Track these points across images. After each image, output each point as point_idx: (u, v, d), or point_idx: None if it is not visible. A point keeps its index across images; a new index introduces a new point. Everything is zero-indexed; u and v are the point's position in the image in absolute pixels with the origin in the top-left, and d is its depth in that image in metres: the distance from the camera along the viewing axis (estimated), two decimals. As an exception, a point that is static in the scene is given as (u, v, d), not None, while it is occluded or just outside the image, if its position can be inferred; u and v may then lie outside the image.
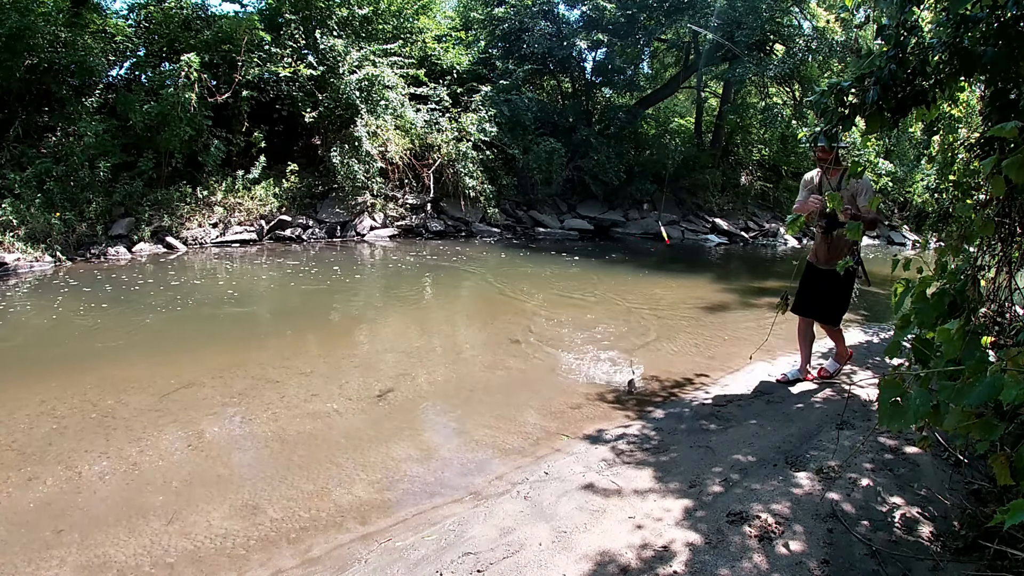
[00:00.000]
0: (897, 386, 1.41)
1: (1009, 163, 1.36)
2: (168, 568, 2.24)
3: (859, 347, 5.19)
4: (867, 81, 1.99)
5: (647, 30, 14.64)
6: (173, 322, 5.57)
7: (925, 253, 7.51)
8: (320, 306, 6.45)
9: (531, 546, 2.23)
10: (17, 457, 2.98)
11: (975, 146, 3.14)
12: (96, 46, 9.19)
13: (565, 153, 13.48)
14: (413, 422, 3.54)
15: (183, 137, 9.29)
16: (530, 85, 15.57)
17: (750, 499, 2.49)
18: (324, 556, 2.31)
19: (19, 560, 2.26)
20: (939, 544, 2.17)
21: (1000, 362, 1.27)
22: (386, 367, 4.42)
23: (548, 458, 3.06)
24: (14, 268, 7.22)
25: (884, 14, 2.22)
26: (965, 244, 2.31)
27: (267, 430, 3.36)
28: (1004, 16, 1.80)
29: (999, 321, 3.25)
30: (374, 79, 10.84)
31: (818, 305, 4.01)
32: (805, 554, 2.11)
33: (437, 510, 2.61)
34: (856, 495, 2.52)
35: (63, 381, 3.93)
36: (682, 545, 2.18)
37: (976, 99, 3.96)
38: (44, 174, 8.20)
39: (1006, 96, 2.14)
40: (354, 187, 10.95)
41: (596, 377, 4.30)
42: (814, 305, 4.04)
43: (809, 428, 3.34)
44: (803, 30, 14.67)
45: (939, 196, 4.96)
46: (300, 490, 2.76)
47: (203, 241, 9.51)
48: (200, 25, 10.53)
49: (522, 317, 6.03)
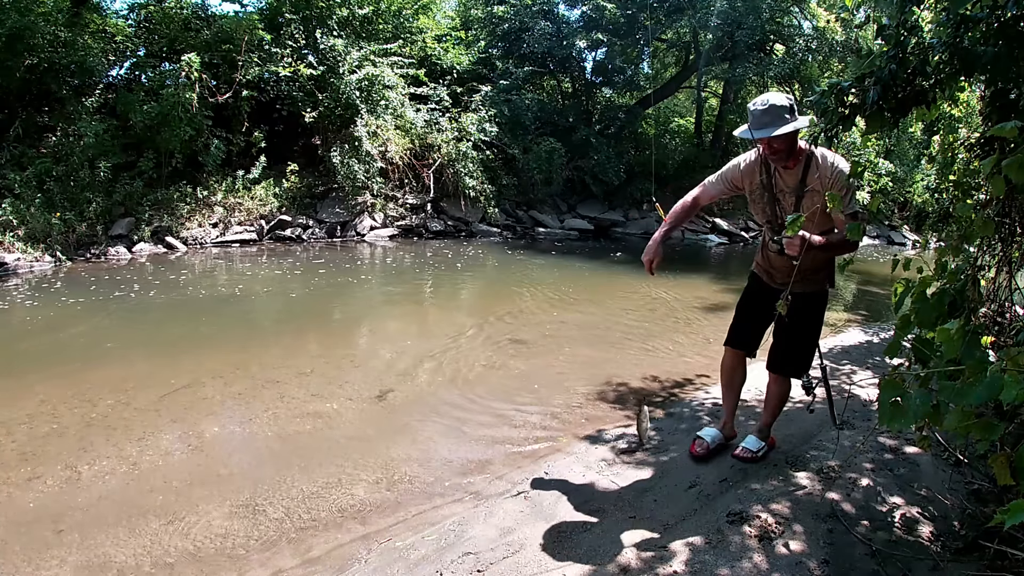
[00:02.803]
0: (897, 386, 1.40)
1: (1009, 163, 1.36)
2: (168, 568, 2.24)
3: (859, 347, 5.19)
4: (867, 81, 1.98)
5: (647, 30, 14.65)
6: (173, 322, 5.57)
7: (925, 253, 7.51)
8: (320, 306, 6.45)
9: (531, 546, 2.23)
10: (17, 457, 2.98)
11: (975, 146, 3.14)
12: (96, 46, 9.20)
13: (565, 153, 13.48)
14: (413, 422, 3.54)
15: (183, 137, 9.29)
16: (530, 85, 15.57)
17: (750, 499, 2.49)
18: (324, 556, 2.31)
19: (19, 560, 2.26)
20: (939, 544, 2.17)
21: (1000, 362, 1.27)
22: (386, 367, 4.41)
23: (548, 458, 3.05)
24: (14, 268, 7.22)
25: (884, 14, 2.22)
26: (965, 244, 2.31)
27: (267, 430, 3.36)
28: (1004, 16, 1.80)
29: (999, 321, 3.24)
30: (374, 79, 10.85)
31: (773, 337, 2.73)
32: (805, 554, 2.11)
33: (437, 510, 2.61)
34: (856, 495, 2.51)
35: (63, 381, 3.93)
36: (682, 545, 2.18)
37: (976, 99, 3.96)
38: (44, 174, 8.20)
39: (1006, 96, 2.14)
40: (354, 187, 10.96)
41: (596, 377, 4.30)
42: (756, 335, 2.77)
43: (809, 428, 3.34)
44: (803, 30, 14.69)
45: (939, 196, 4.96)
46: (300, 490, 2.76)
47: (203, 241, 9.51)
48: (200, 25, 10.54)
49: (522, 317, 6.02)
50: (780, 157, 2.40)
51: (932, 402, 1.36)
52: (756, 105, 2.35)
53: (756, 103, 2.35)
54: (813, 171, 2.40)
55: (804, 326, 2.65)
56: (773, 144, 2.35)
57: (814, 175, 2.39)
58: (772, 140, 2.32)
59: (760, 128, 2.33)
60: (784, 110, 2.30)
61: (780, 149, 2.37)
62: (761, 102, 2.34)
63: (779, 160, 2.42)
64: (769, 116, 2.30)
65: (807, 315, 2.63)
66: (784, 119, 2.30)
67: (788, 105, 2.31)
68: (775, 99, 2.33)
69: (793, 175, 2.46)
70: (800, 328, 2.64)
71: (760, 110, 2.32)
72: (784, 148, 2.36)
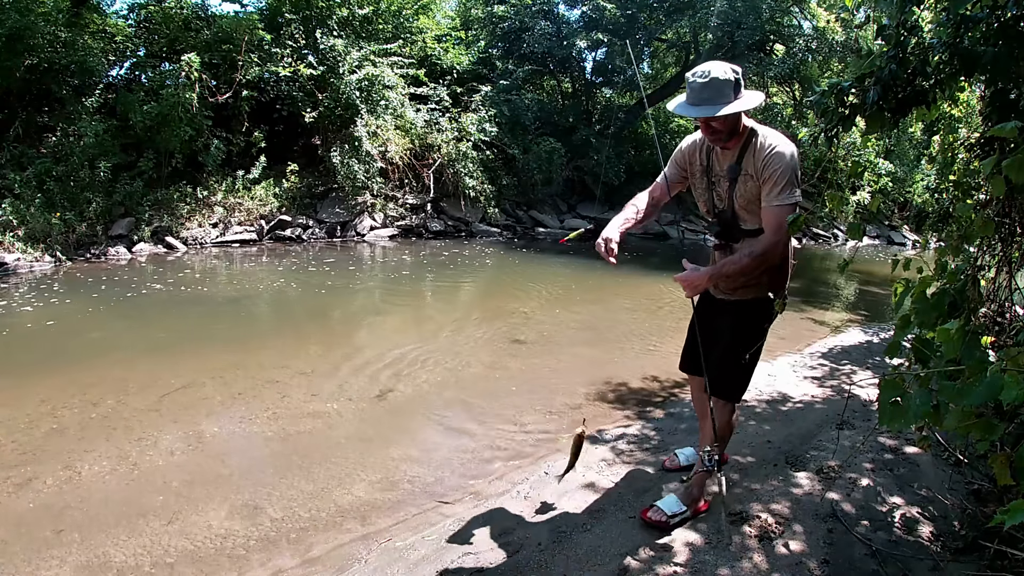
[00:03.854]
0: (897, 386, 1.40)
1: (1009, 163, 1.36)
2: (168, 568, 2.24)
3: (859, 347, 5.20)
4: (867, 81, 1.99)
5: (647, 30, 14.65)
6: (173, 322, 5.57)
7: (925, 253, 7.51)
8: (320, 306, 6.45)
9: (531, 546, 2.23)
10: (17, 457, 2.98)
11: (975, 146, 3.14)
12: (96, 46, 9.19)
13: (565, 153, 13.48)
14: (413, 422, 3.54)
15: (183, 137, 9.29)
16: (530, 85, 15.57)
17: (750, 499, 2.49)
18: (324, 556, 2.31)
19: (19, 560, 2.26)
20: (939, 544, 2.17)
21: (1000, 362, 1.27)
22: (386, 367, 4.41)
23: (548, 458, 3.06)
24: (14, 268, 7.22)
25: (884, 14, 2.22)
26: (965, 244, 2.31)
27: (267, 430, 3.36)
28: (1004, 16, 1.80)
29: (999, 321, 3.25)
30: (374, 79, 10.84)
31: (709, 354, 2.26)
32: (805, 554, 2.11)
33: (437, 510, 2.61)
34: (856, 495, 2.52)
35: (63, 381, 3.93)
36: (682, 545, 2.18)
37: (976, 99, 3.96)
38: (44, 174, 8.19)
39: (1006, 96, 2.14)
40: (354, 187, 10.96)
41: (596, 377, 4.30)
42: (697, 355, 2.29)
43: (809, 428, 3.34)
44: (803, 30, 14.69)
45: (939, 196, 4.95)
46: (300, 490, 2.76)
47: (203, 241, 9.51)
48: (200, 25, 10.53)
49: (522, 317, 6.03)
50: (719, 138, 2.11)
51: (932, 402, 1.36)
52: (695, 76, 2.03)
53: (696, 74, 2.04)
54: (750, 153, 2.10)
55: (737, 339, 2.25)
56: (711, 124, 2.05)
57: (750, 158, 2.10)
58: (710, 120, 2.03)
59: (699, 104, 2.03)
60: (727, 85, 2.00)
61: (719, 130, 2.07)
62: (701, 73, 2.02)
63: (717, 141, 2.13)
64: (709, 91, 2.01)
65: (742, 326, 2.26)
66: (725, 96, 2.00)
67: (733, 80, 2.01)
68: (717, 71, 2.01)
69: (729, 155, 2.16)
70: (733, 341, 2.25)
71: (700, 83, 2.01)
72: (724, 129, 2.07)
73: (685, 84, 2.10)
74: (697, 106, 2.04)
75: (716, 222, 2.30)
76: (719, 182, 2.24)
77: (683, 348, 2.56)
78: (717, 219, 2.29)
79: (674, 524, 2.29)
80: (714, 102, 2.01)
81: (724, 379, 2.27)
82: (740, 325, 2.27)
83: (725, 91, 2.01)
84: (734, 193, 2.18)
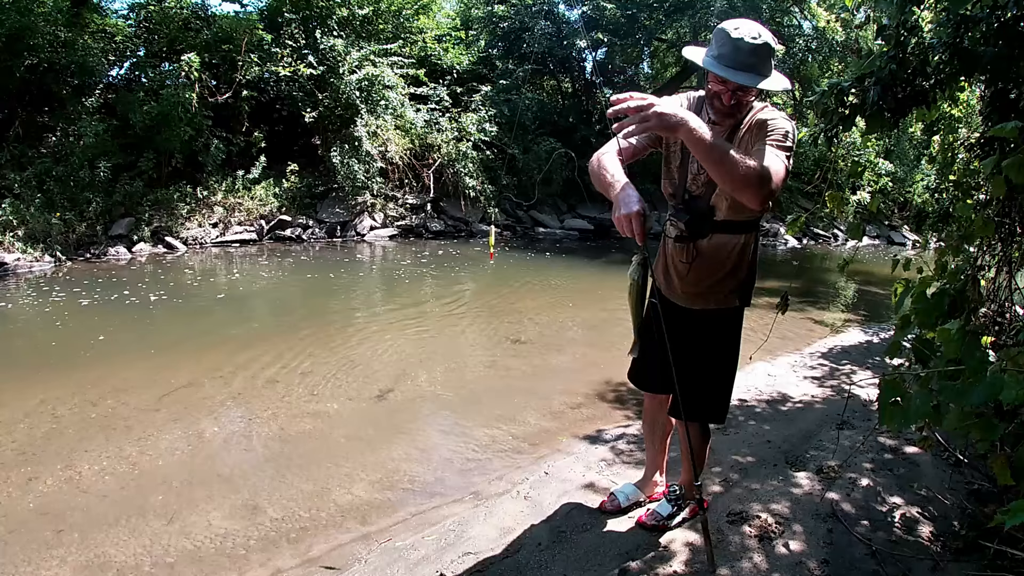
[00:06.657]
0: (897, 386, 1.41)
1: (1009, 163, 1.36)
2: (168, 568, 2.24)
3: (859, 347, 5.20)
4: (867, 81, 1.99)
5: (647, 30, 14.64)
6: (173, 322, 5.57)
7: (925, 253, 7.51)
8: (320, 306, 6.45)
9: (531, 546, 2.22)
10: (17, 457, 2.98)
11: (975, 146, 3.14)
12: (96, 46, 9.19)
13: (565, 153, 13.48)
14: (413, 422, 3.54)
15: (183, 137, 9.29)
16: (530, 85, 15.56)
17: (750, 499, 2.49)
18: (324, 556, 2.31)
19: (19, 560, 2.26)
20: (939, 544, 2.17)
21: (1000, 362, 1.27)
22: (386, 367, 4.41)
23: (548, 458, 3.05)
24: (14, 268, 7.21)
25: (884, 14, 2.22)
26: (965, 244, 2.31)
27: (267, 430, 3.36)
28: (1004, 16, 1.80)
29: (999, 321, 3.24)
30: (374, 79, 10.85)
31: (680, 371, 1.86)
32: (805, 554, 2.11)
33: (437, 510, 2.61)
34: (856, 495, 2.52)
35: (63, 381, 3.93)
36: (682, 545, 2.18)
37: (976, 99, 3.96)
38: (44, 174, 8.20)
39: (1006, 96, 2.14)
40: (354, 187, 10.96)
41: (596, 377, 4.30)
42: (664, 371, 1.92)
43: (809, 428, 3.34)
44: (803, 30, 14.68)
45: (939, 196, 4.95)
46: (300, 490, 2.76)
47: (203, 241, 9.51)
48: (200, 25, 10.53)
49: (522, 317, 6.02)
50: (729, 111, 1.79)
51: (932, 402, 1.36)
52: (746, 36, 1.67)
53: (743, 32, 1.67)
54: (745, 126, 1.79)
55: (716, 354, 2.01)
56: (739, 93, 1.74)
57: (745, 132, 1.78)
58: (739, 89, 1.72)
59: (745, 69, 1.68)
60: (772, 56, 1.72)
61: (743, 104, 1.78)
62: (752, 34, 1.67)
63: (726, 113, 1.80)
64: (757, 57, 1.68)
65: (717, 339, 2.01)
66: (768, 68, 1.72)
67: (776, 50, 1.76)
68: (767, 35, 1.69)
69: (720, 132, 1.78)
70: (711, 357, 2.01)
71: (751, 45, 1.66)
72: (746, 103, 1.79)
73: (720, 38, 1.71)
74: (743, 71, 1.68)
75: (684, 209, 1.94)
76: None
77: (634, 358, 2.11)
78: (686, 206, 1.93)
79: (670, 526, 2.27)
80: (759, 71, 1.70)
81: (705, 400, 2.03)
82: (712, 340, 2.01)
83: (770, 62, 1.72)
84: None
